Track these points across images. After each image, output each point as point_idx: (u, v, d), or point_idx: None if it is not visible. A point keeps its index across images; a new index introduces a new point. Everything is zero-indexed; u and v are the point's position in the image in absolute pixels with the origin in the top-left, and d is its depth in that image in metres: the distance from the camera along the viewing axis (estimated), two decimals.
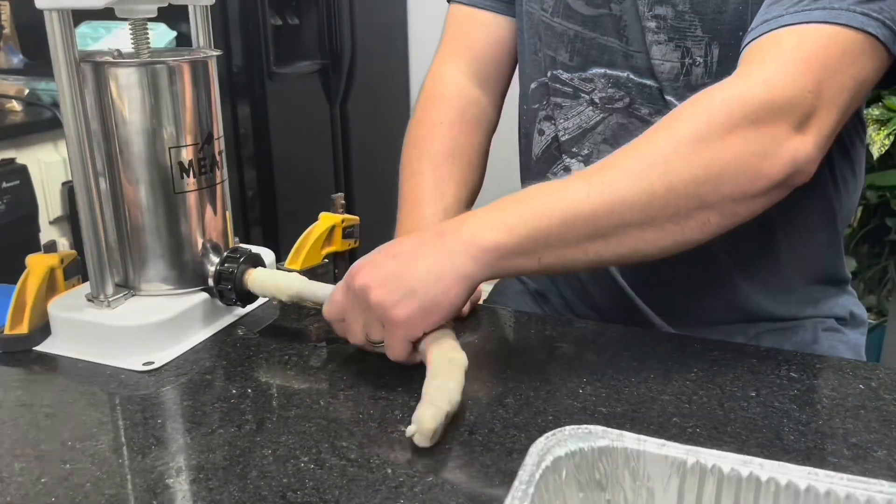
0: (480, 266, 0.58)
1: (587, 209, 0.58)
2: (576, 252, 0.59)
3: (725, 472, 0.40)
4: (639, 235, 0.59)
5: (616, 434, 0.43)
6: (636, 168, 0.59)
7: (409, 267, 0.58)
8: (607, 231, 0.59)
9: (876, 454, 0.51)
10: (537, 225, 0.58)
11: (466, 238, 0.59)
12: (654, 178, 0.58)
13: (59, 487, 0.49)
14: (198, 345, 0.68)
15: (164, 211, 0.69)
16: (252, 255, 0.72)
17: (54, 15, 0.62)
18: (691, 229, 0.59)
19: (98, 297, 0.68)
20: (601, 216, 0.58)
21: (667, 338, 0.68)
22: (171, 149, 0.68)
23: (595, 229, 0.58)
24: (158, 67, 0.66)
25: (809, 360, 0.63)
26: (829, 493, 0.39)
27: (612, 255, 0.60)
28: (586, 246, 0.59)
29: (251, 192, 2.08)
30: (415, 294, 0.58)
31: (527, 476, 0.39)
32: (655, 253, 0.60)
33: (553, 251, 0.59)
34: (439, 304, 0.58)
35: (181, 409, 0.60)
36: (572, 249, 0.59)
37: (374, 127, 2.47)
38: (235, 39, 1.98)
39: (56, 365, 0.66)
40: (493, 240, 0.58)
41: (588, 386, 0.60)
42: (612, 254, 0.60)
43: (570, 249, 0.59)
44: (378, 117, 2.50)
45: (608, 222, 0.58)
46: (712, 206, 0.59)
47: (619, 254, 0.60)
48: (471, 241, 0.58)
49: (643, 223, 0.59)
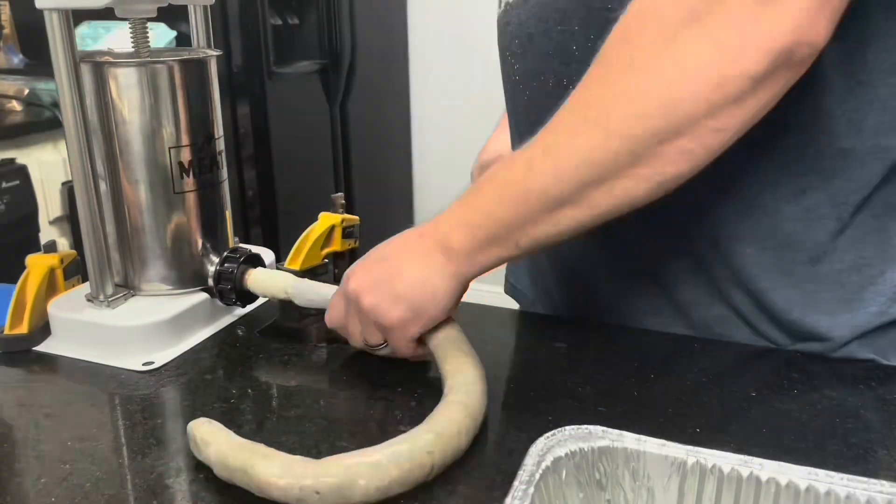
0: (458, 265, 0.57)
1: (535, 183, 0.53)
2: (547, 227, 0.54)
3: (725, 472, 0.40)
4: (607, 192, 0.52)
5: (616, 434, 0.43)
6: (570, 122, 0.52)
7: (395, 271, 0.58)
8: (568, 198, 0.53)
9: (876, 454, 0.51)
10: (495, 214, 0.55)
11: (439, 239, 0.58)
12: (591, 129, 0.51)
13: (58, 487, 0.49)
14: (198, 345, 0.68)
15: (164, 211, 0.69)
16: (252, 255, 0.72)
17: (54, 15, 0.62)
18: (670, 165, 0.50)
19: (98, 298, 0.68)
20: (552, 185, 0.53)
21: (667, 338, 0.68)
22: (171, 149, 0.68)
23: (553, 200, 0.53)
24: (158, 67, 0.66)
25: (810, 360, 0.63)
26: (830, 493, 0.39)
27: (590, 218, 0.54)
28: (554, 217, 0.54)
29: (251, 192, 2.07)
30: (403, 298, 0.58)
31: (527, 476, 0.39)
32: (641, 199, 0.52)
33: (522, 233, 0.55)
34: (428, 307, 0.58)
35: (181, 409, 0.60)
36: (542, 225, 0.54)
37: (374, 127, 2.47)
38: (235, 39, 1.97)
39: (56, 365, 0.66)
40: (459, 239, 0.57)
41: (588, 386, 0.60)
42: (588, 216, 0.54)
43: (540, 226, 0.54)
44: (378, 117, 2.50)
45: (563, 189, 0.52)
46: (682, 134, 0.49)
47: (596, 214, 0.53)
48: (443, 241, 0.57)
49: (603, 179, 0.51)
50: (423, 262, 0.58)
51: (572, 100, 0.53)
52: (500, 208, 0.55)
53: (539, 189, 0.53)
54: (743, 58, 0.47)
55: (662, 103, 0.49)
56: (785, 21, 0.46)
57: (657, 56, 0.49)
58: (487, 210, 0.56)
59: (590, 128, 0.51)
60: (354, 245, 0.81)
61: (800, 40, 0.47)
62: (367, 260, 0.61)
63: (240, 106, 2.02)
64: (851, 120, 0.57)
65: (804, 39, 0.47)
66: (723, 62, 0.47)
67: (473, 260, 0.57)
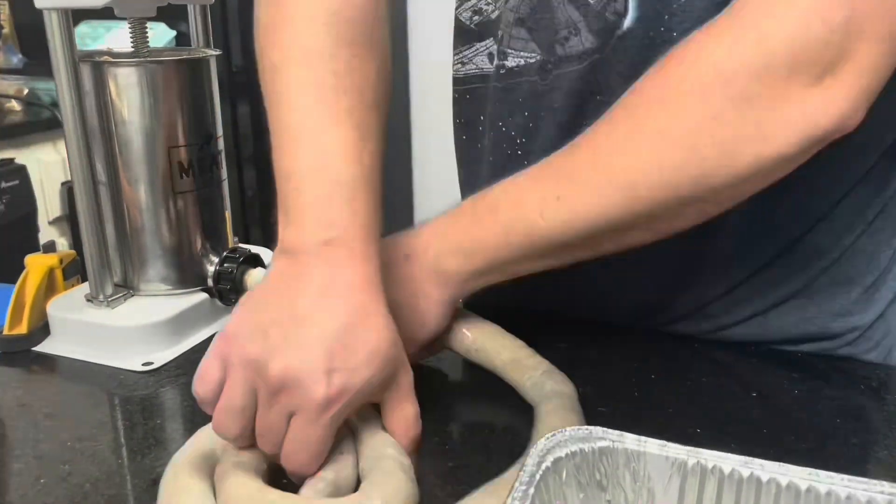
0: (449, 290, 0.56)
1: (544, 230, 0.51)
2: (547, 262, 0.54)
3: (726, 473, 0.40)
4: (616, 240, 0.52)
5: (616, 435, 0.42)
6: (593, 180, 0.50)
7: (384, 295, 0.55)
8: (575, 244, 0.52)
9: (877, 454, 0.51)
10: (496, 248, 0.53)
11: (430, 264, 0.55)
12: (615, 192, 0.49)
13: (58, 487, 0.49)
14: (197, 345, 0.68)
15: (163, 211, 0.69)
16: (252, 255, 0.72)
17: (54, 14, 0.62)
18: (684, 221, 0.51)
19: (97, 298, 0.68)
20: (561, 233, 0.52)
21: (667, 338, 0.67)
22: (171, 149, 0.68)
23: (559, 245, 0.52)
24: (158, 67, 0.66)
25: (810, 360, 0.63)
26: (830, 493, 0.38)
27: (591, 256, 0.54)
28: (556, 257, 0.54)
29: (251, 192, 2.07)
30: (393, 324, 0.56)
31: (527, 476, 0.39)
32: (646, 242, 0.53)
33: (520, 265, 0.55)
34: (416, 334, 0.56)
35: (181, 409, 0.60)
36: (542, 261, 0.54)
37: None
38: (235, 39, 1.97)
39: (55, 365, 0.66)
40: (454, 267, 0.55)
41: (588, 386, 0.60)
42: (590, 255, 0.54)
43: (539, 262, 0.54)
44: None
45: (572, 238, 0.52)
46: (703, 200, 0.49)
47: (598, 254, 0.53)
48: (434, 267, 0.55)
49: (616, 231, 0.51)
50: (413, 289, 0.55)
51: (593, 152, 0.51)
52: (501, 245, 0.54)
53: (547, 235, 0.52)
54: (784, 142, 0.46)
55: (694, 179, 0.48)
56: (831, 111, 0.45)
57: (696, 133, 0.47)
58: (485, 243, 0.54)
59: (614, 191, 0.49)
60: None
61: (839, 128, 0.46)
62: None
63: (240, 106, 2.02)
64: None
65: (843, 127, 0.46)
66: (763, 145, 0.46)
67: (465, 286, 0.56)
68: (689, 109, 0.47)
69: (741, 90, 0.45)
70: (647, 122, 0.49)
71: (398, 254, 0.56)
